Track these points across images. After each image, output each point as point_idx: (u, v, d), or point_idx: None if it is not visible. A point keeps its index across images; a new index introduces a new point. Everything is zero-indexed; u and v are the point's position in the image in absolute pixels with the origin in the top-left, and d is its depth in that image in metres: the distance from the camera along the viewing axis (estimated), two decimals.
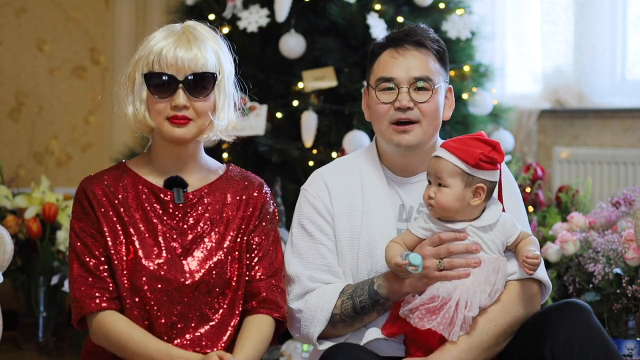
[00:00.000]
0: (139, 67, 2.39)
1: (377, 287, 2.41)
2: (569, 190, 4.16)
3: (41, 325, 4.41)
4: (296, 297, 2.49)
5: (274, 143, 4.03)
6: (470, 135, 2.40)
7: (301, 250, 2.53)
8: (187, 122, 2.38)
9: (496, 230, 2.39)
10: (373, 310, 2.42)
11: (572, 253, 3.67)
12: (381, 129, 2.50)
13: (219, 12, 4.21)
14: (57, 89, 5.17)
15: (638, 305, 3.44)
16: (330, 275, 2.50)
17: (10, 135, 5.10)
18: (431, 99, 2.47)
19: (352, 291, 2.44)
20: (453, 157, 2.35)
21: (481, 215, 2.40)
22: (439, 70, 2.51)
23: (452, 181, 2.35)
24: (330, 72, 4.07)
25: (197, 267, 2.40)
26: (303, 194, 2.58)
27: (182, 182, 2.43)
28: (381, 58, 2.52)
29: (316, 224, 2.53)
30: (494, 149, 2.36)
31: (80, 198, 2.42)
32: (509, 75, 4.90)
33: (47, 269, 4.34)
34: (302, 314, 2.46)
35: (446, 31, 4.24)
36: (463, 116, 4.26)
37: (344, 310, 2.43)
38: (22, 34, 5.10)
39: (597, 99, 4.75)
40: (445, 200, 2.35)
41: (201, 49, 2.37)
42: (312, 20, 4.13)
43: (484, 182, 2.36)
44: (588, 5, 4.72)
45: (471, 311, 2.32)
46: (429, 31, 2.54)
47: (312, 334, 2.44)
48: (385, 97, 2.49)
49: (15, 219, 4.32)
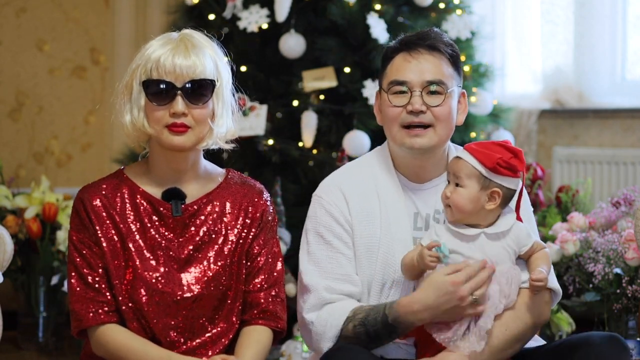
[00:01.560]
0: (136, 75, 2.37)
1: (392, 321, 2.34)
2: (569, 190, 4.16)
3: (41, 325, 4.40)
4: (311, 307, 2.45)
5: (274, 143, 4.04)
6: (495, 141, 2.42)
7: (319, 260, 2.48)
8: (185, 130, 2.36)
9: (509, 238, 2.40)
10: (389, 338, 2.38)
11: (572, 253, 3.67)
12: (393, 132, 2.48)
13: (219, 12, 4.21)
14: (57, 89, 5.17)
15: (638, 305, 3.44)
16: (349, 285, 2.45)
17: (10, 135, 5.10)
18: (444, 103, 2.46)
19: (363, 318, 2.38)
20: (472, 159, 2.37)
21: (495, 222, 2.40)
22: (452, 74, 2.49)
23: (468, 182, 2.37)
24: (330, 72, 4.07)
25: (195, 281, 2.39)
26: (318, 201, 2.52)
27: (180, 194, 2.41)
28: (394, 62, 2.50)
29: (334, 232, 2.48)
30: (515, 156, 2.37)
31: (79, 209, 2.41)
32: (509, 75, 4.90)
33: (47, 269, 4.34)
34: (314, 327, 2.43)
35: (446, 31, 4.23)
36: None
37: (358, 335, 2.38)
38: (22, 34, 5.10)
39: (597, 99, 4.75)
40: (460, 200, 2.36)
41: (199, 56, 2.35)
42: (312, 20, 4.13)
43: (501, 187, 2.37)
44: (588, 5, 4.72)
45: (487, 324, 2.33)
46: (443, 35, 2.53)
47: (322, 349, 2.41)
48: (397, 100, 2.47)
49: (15, 219, 4.32)
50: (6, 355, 4.27)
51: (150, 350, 2.34)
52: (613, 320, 3.54)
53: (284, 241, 3.87)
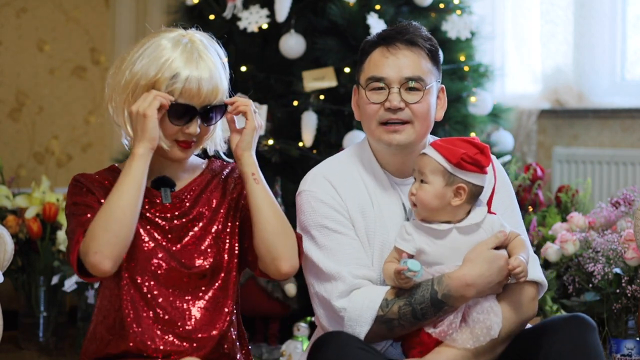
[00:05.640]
0: (151, 84, 2.36)
1: (442, 296, 2.30)
2: (569, 190, 4.16)
3: (41, 325, 4.41)
4: (341, 294, 2.36)
5: (274, 143, 4.04)
6: (461, 137, 2.39)
7: (332, 249, 2.41)
8: (191, 145, 2.40)
9: (482, 231, 2.38)
10: (435, 316, 2.34)
11: (571, 253, 3.67)
12: (371, 128, 2.46)
13: (219, 12, 4.21)
14: (57, 89, 5.18)
15: (638, 305, 3.44)
16: (367, 270, 2.41)
17: (10, 135, 5.11)
18: (422, 100, 2.42)
19: (409, 297, 2.33)
20: (437, 154, 2.34)
21: (466, 217, 2.39)
22: (431, 69, 2.45)
23: (433, 178, 2.34)
24: (330, 72, 4.07)
25: (190, 260, 2.40)
26: (310, 195, 2.47)
27: (170, 182, 2.43)
28: (372, 57, 2.46)
29: (337, 220, 2.43)
30: (481, 152, 2.35)
31: (77, 183, 2.41)
32: (509, 75, 4.90)
33: (47, 269, 4.34)
34: (347, 313, 2.35)
35: (446, 31, 4.24)
36: (463, 116, 4.26)
37: (403, 315, 2.33)
38: (23, 34, 5.10)
39: (597, 99, 4.75)
40: (425, 196, 2.34)
41: (219, 78, 2.37)
42: (312, 20, 4.13)
43: (466, 183, 2.34)
44: (588, 5, 4.72)
45: (487, 320, 2.34)
46: (421, 29, 2.48)
47: (359, 334, 2.34)
48: (375, 97, 2.44)
49: (15, 219, 4.32)
50: (6, 355, 4.27)
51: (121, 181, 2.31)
52: (613, 320, 3.54)
53: None
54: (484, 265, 2.32)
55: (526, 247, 2.40)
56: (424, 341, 2.35)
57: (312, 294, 2.46)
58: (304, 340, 3.79)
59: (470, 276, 2.30)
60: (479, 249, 2.34)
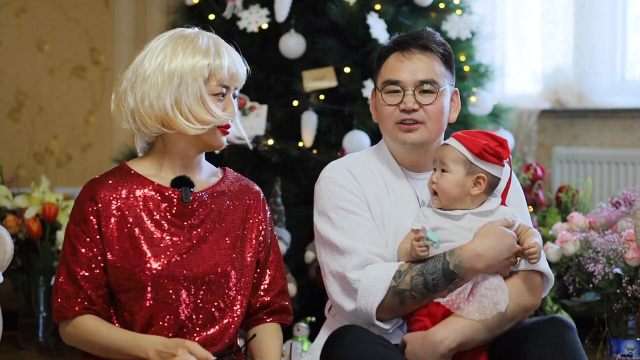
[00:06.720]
0: (198, 73, 2.40)
1: (453, 267, 2.41)
2: (569, 190, 4.16)
3: (41, 325, 4.41)
4: (355, 267, 2.48)
5: (274, 143, 4.04)
6: (481, 130, 2.52)
7: (349, 228, 2.53)
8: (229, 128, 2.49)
9: (494, 218, 2.47)
10: (445, 289, 2.43)
11: (572, 253, 3.67)
12: (387, 128, 2.59)
13: (219, 12, 4.21)
14: (57, 89, 5.17)
15: (638, 305, 3.44)
16: (381, 249, 2.51)
17: (10, 135, 5.11)
18: (436, 102, 2.56)
19: (421, 267, 2.43)
20: (459, 145, 2.47)
21: (480, 206, 2.49)
22: (445, 73, 2.60)
23: (454, 167, 2.46)
24: (330, 72, 4.07)
25: (201, 267, 2.42)
26: (329, 179, 2.60)
27: (190, 182, 2.47)
28: (388, 61, 2.61)
29: (353, 202, 2.55)
30: (501, 145, 2.47)
31: (81, 202, 2.42)
32: (509, 75, 4.90)
33: (47, 269, 4.34)
34: (360, 284, 2.45)
35: (446, 31, 4.24)
36: (463, 116, 4.26)
37: (415, 286, 2.43)
38: (22, 34, 5.10)
39: (597, 98, 4.75)
40: (446, 184, 2.45)
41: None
42: (312, 20, 4.13)
43: (486, 173, 2.46)
44: (588, 5, 4.72)
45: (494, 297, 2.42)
46: (435, 35, 2.63)
47: (372, 304, 2.44)
48: (391, 99, 2.57)
49: (15, 219, 4.32)
50: (6, 355, 4.27)
51: (114, 333, 2.37)
52: (613, 320, 3.54)
53: (284, 241, 3.87)
54: (493, 238, 2.43)
55: (538, 236, 2.49)
56: (432, 312, 2.43)
57: (325, 274, 2.55)
58: (304, 340, 3.79)
59: (482, 247, 2.42)
60: (489, 225, 2.46)
